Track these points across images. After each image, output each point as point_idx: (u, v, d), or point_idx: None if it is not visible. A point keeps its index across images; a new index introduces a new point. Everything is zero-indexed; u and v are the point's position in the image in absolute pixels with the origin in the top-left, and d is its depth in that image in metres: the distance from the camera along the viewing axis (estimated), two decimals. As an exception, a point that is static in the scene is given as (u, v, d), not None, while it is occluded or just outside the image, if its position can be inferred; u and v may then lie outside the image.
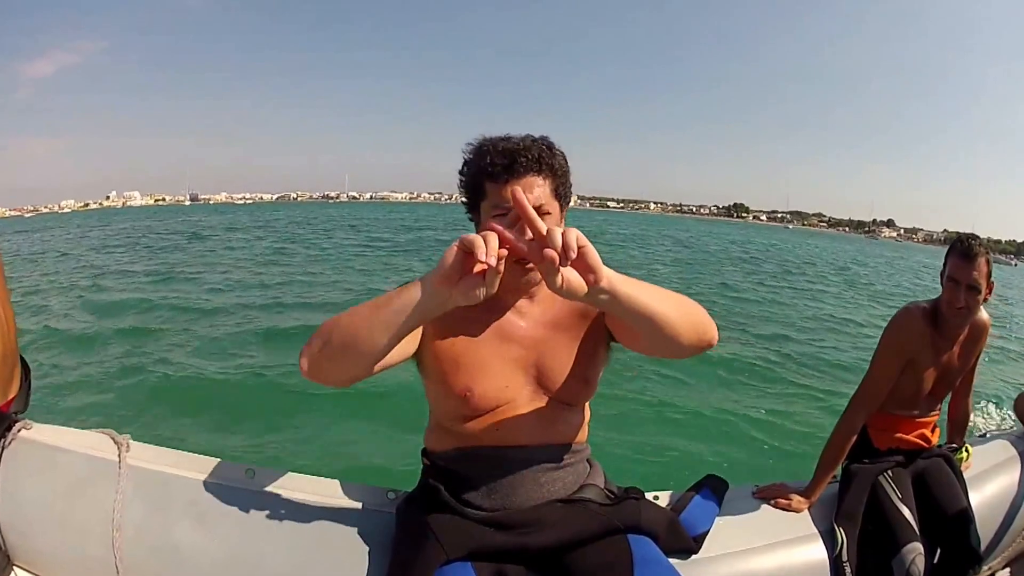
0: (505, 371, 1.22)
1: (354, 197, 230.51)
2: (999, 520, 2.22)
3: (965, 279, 1.82)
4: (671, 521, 1.46)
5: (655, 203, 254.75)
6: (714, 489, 1.71)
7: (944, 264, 1.90)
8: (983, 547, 2.07)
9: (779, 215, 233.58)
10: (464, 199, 1.24)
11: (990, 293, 1.87)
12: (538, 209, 1.11)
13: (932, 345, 1.93)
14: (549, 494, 1.26)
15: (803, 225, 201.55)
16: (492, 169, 1.17)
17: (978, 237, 1.88)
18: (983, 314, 2.00)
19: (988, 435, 2.68)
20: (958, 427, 2.28)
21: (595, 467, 1.39)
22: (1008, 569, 2.37)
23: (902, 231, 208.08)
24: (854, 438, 1.95)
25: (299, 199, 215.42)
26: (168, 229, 30.70)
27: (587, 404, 1.36)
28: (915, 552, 1.71)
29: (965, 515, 1.89)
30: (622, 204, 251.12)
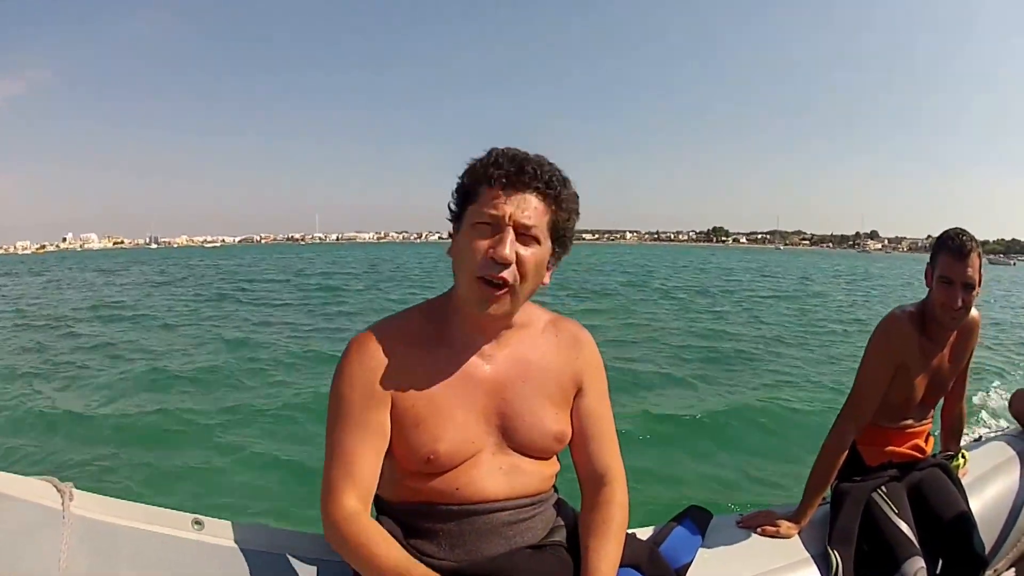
0: (468, 423, 1.14)
1: (321, 238, 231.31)
2: (1001, 522, 2.18)
3: (960, 277, 1.74)
4: (651, 552, 1.40)
5: (631, 232, 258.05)
6: (696, 520, 1.66)
7: (932, 263, 1.83)
8: (987, 550, 2.02)
9: (759, 236, 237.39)
10: (453, 204, 1.14)
11: (979, 287, 1.81)
12: (527, 232, 1.07)
13: (921, 350, 1.86)
14: (517, 544, 1.18)
15: (786, 244, 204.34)
16: (495, 172, 1.08)
17: (967, 232, 1.80)
18: (972, 311, 1.91)
19: (984, 438, 2.68)
20: (953, 433, 2.21)
21: (565, 509, 1.32)
22: (1013, 570, 2.35)
23: (886, 241, 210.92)
24: (844, 455, 1.86)
25: (263, 241, 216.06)
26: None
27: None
28: (916, 567, 1.65)
29: (967, 522, 1.83)
30: (597, 235, 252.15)
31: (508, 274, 1.06)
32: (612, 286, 23.08)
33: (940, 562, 1.81)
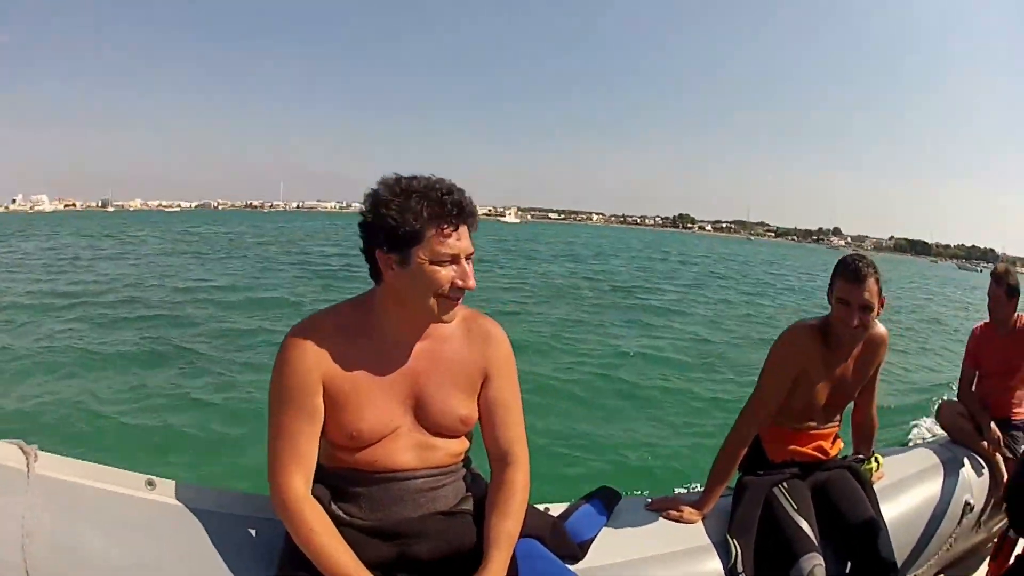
0: (388, 405, 1.29)
1: (282, 206, 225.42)
2: (923, 527, 2.27)
3: (857, 300, 1.83)
4: (554, 526, 1.54)
5: (597, 214, 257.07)
6: (604, 499, 1.79)
7: (831, 285, 1.92)
8: (908, 554, 2.17)
9: (724, 224, 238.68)
10: (390, 239, 1.22)
11: (882, 307, 1.89)
12: (469, 256, 1.27)
13: (823, 361, 1.96)
14: (429, 510, 1.33)
15: (751, 236, 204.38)
16: (443, 213, 1.21)
17: (865, 258, 1.90)
18: (879, 328, 2.02)
19: (910, 444, 2.82)
20: (863, 438, 2.29)
21: (477, 482, 1.46)
22: (942, 575, 2.42)
23: (849, 239, 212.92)
24: (744, 451, 1.97)
25: (220, 207, 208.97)
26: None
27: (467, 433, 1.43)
28: (814, 562, 1.71)
29: (873, 525, 1.90)
30: (563, 215, 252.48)
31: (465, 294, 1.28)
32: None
33: (848, 564, 1.88)
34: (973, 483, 2.58)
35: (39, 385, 6.35)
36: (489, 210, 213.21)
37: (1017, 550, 2.20)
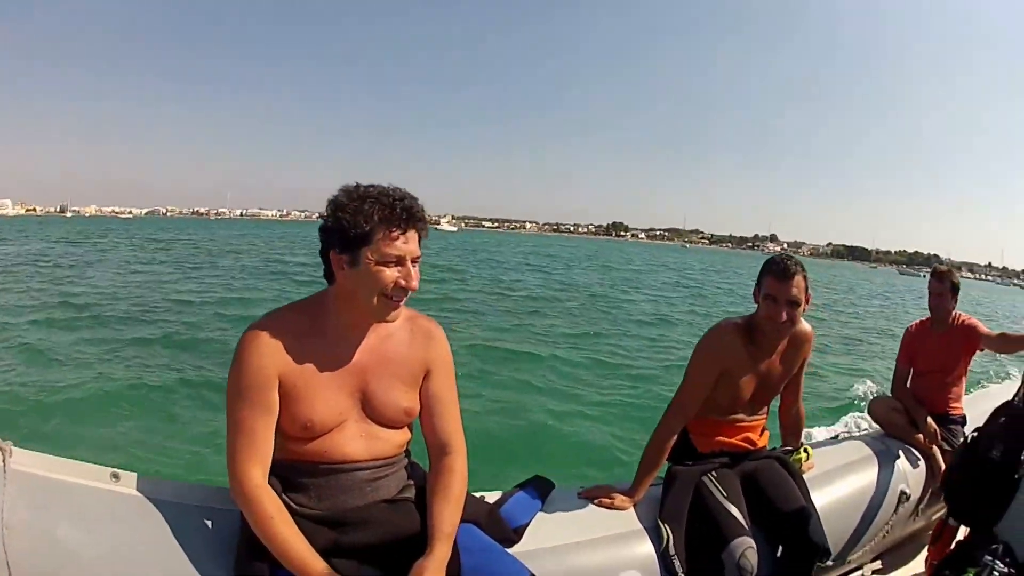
0: (337, 398, 1.37)
1: (226, 214, 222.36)
2: (859, 514, 2.37)
3: (784, 296, 1.92)
4: (490, 512, 1.62)
5: (531, 222, 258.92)
6: (538, 488, 1.86)
7: (759, 283, 2.01)
8: (845, 540, 2.30)
9: (658, 232, 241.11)
10: (342, 240, 1.32)
11: (808, 304, 1.98)
12: (415, 260, 1.35)
13: (748, 357, 2.04)
14: (374, 498, 1.41)
15: (687, 243, 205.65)
16: (392, 216, 1.30)
17: (792, 257, 1.99)
18: (804, 325, 2.11)
19: (840, 437, 2.90)
20: (791, 431, 2.38)
21: (417, 470, 1.54)
22: (879, 561, 2.54)
23: (786, 245, 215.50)
24: (672, 442, 2.04)
25: (169, 214, 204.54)
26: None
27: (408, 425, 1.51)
28: (744, 546, 1.78)
29: (803, 512, 1.97)
30: (497, 224, 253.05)
31: (408, 295, 1.37)
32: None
33: (780, 549, 1.96)
34: (909, 474, 2.69)
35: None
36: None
37: (959, 537, 2.29)
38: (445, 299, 14.65)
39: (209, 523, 1.48)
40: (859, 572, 2.55)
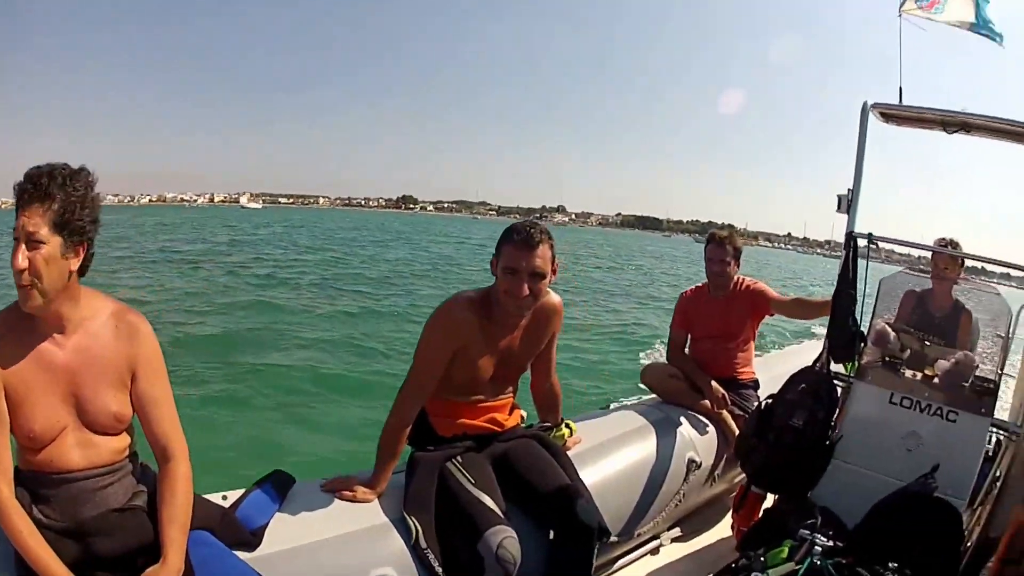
0: (52, 405, 1.31)
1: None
2: (639, 487, 2.34)
3: (528, 267, 1.77)
4: (224, 515, 1.57)
5: (324, 197, 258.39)
6: (277, 484, 1.78)
7: (497, 254, 1.84)
8: (630, 512, 2.28)
9: (446, 204, 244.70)
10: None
11: (555, 275, 1.86)
12: (32, 239, 1.23)
13: (484, 334, 1.91)
14: (104, 508, 1.35)
15: (476, 216, 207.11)
16: (16, 194, 1.26)
17: (538, 224, 1.84)
18: (552, 297, 1.99)
19: (611, 407, 2.90)
20: (546, 407, 2.29)
21: (147, 475, 1.48)
22: (678, 528, 2.57)
23: (574, 216, 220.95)
24: (407, 428, 1.91)
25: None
26: None
27: (127, 428, 1.44)
28: (501, 535, 1.68)
29: (567, 490, 1.89)
30: (292, 199, 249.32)
31: (24, 278, 1.25)
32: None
33: (551, 532, 1.87)
34: (697, 440, 2.67)
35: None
36: (225, 196, 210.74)
37: (766, 504, 2.39)
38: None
39: None
40: (656, 542, 2.53)
